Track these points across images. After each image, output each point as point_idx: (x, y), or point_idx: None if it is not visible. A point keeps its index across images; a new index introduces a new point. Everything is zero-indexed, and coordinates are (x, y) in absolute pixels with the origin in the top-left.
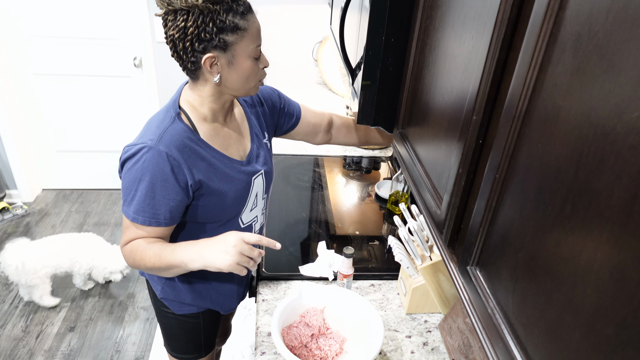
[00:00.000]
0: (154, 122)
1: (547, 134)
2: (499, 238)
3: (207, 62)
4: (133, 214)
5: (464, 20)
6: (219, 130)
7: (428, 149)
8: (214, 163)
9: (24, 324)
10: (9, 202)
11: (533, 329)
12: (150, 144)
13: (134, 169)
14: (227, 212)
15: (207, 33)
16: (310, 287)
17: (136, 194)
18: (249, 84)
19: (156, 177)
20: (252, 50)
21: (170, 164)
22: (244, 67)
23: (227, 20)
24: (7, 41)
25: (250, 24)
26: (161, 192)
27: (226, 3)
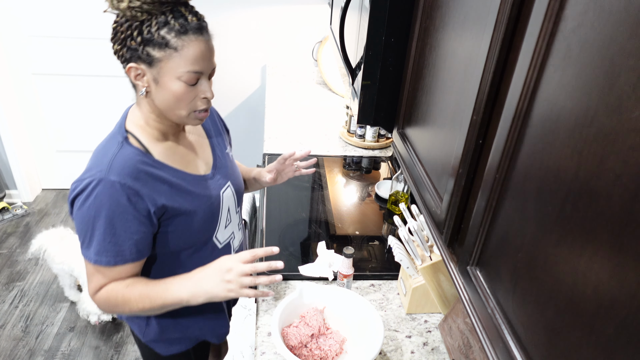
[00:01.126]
0: (100, 151)
1: (547, 134)
2: (499, 238)
3: (131, 73)
4: (95, 256)
5: (464, 20)
6: (174, 148)
7: (428, 149)
8: (175, 183)
9: (24, 324)
10: (9, 202)
11: (533, 329)
12: (99, 176)
13: (86, 207)
14: (201, 233)
15: (133, 41)
16: (311, 287)
17: (94, 234)
18: (179, 110)
19: (113, 212)
20: (182, 74)
21: (126, 194)
22: (172, 90)
23: (156, 34)
24: (7, 41)
25: (185, 45)
26: (122, 226)
27: (165, 16)
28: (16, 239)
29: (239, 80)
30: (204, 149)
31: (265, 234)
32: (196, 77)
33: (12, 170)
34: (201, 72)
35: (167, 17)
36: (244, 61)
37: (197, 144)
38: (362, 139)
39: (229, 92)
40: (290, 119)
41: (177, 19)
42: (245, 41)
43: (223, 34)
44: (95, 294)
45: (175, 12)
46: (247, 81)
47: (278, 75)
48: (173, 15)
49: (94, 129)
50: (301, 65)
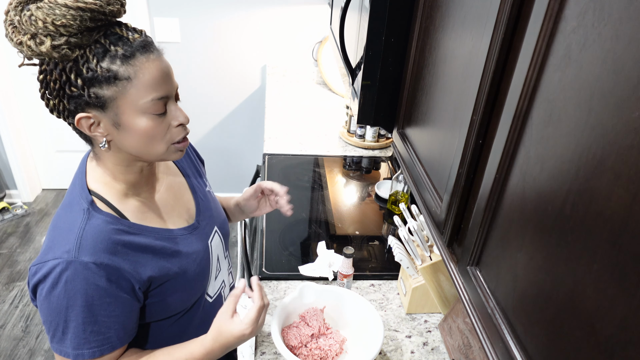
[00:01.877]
0: (61, 224)
1: (547, 134)
2: (499, 238)
3: (83, 125)
4: (74, 350)
5: (464, 20)
6: (150, 203)
7: (428, 149)
8: (158, 247)
9: (24, 324)
10: (9, 202)
11: (533, 329)
12: (67, 258)
13: (55, 296)
14: (192, 296)
15: (73, 87)
16: (311, 286)
17: (68, 326)
18: (155, 148)
19: (92, 297)
20: (146, 105)
21: (105, 274)
22: (140, 129)
23: (98, 68)
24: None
25: (139, 71)
26: (104, 312)
27: (100, 44)
28: (16, 239)
29: (239, 80)
30: (182, 192)
31: (265, 234)
32: (162, 103)
33: (12, 170)
34: (166, 97)
35: (105, 45)
36: (244, 61)
37: (174, 188)
38: (362, 139)
39: (229, 92)
40: (290, 119)
41: (116, 42)
42: (245, 41)
43: (223, 34)
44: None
45: (111, 36)
46: (247, 81)
47: (278, 75)
48: (110, 40)
49: None
50: (301, 65)
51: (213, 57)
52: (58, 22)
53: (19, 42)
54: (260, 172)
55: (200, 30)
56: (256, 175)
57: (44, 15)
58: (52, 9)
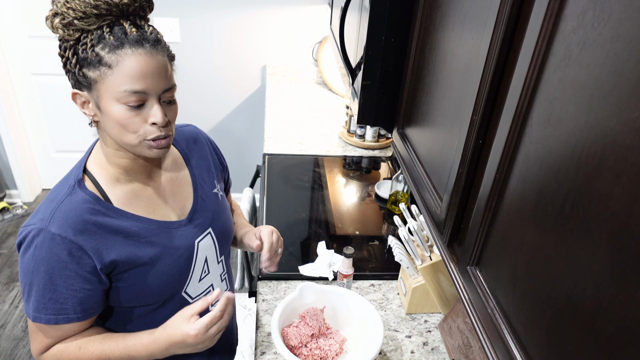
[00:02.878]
0: (51, 194)
1: (547, 134)
2: (499, 238)
3: (77, 101)
4: (33, 312)
5: (464, 20)
6: (139, 192)
7: (428, 149)
8: (133, 232)
9: (24, 324)
10: (9, 202)
11: (533, 329)
12: (40, 225)
13: (26, 258)
14: (163, 289)
15: (70, 65)
16: (311, 286)
17: (32, 288)
18: (128, 138)
19: (53, 267)
20: (120, 94)
21: (67, 248)
22: (113, 115)
23: (90, 52)
24: (7, 41)
25: (120, 61)
26: (63, 283)
27: (101, 31)
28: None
29: (239, 80)
30: (182, 188)
31: None
32: (138, 98)
33: (12, 170)
34: (144, 92)
35: (104, 32)
36: (244, 61)
37: (175, 182)
38: (362, 139)
39: (229, 92)
40: (290, 119)
41: (115, 33)
42: (245, 41)
43: (223, 34)
44: (40, 356)
45: (115, 27)
46: (247, 81)
47: (278, 75)
48: (110, 30)
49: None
50: (301, 65)
51: (213, 57)
52: (69, 4)
53: (46, 17)
54: (260, 172)
55: (200, 30)
56: (256, 175)
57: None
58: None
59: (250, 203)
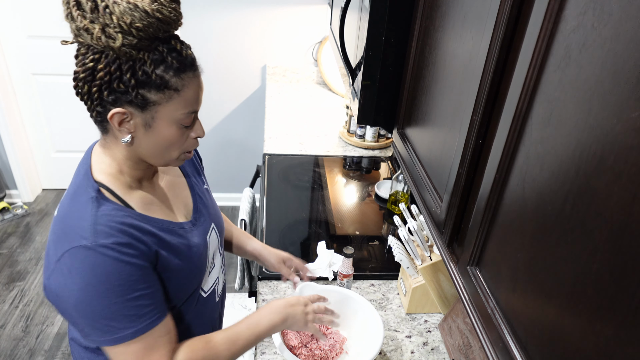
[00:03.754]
0: (71, 215)
1: (547, 134)
2: (499, 238)
3: (115, 119)
4: (132, 328)
5: (464, 20)
6: (151, 197)
7: (428, 149)
8: (162, 237)
9: (24, 324)
10: (9, 202)
11: (533, 329)
12: (86, 244)
13: (86, 282)
14: (189, 288)
15: (122, 83)
16: (311, 286)
17: (111, 309)
18: (170, 154)
19: (123, 273)
20: (181, 116)
21: (127, 250)
22: (165, 135)
23: (153, 74)
24: (6, 41)
25: (186, 85)
26: (141, 283)
27: (159, 52)
28: (16, 239)
29: (239, 80)
30: (181, 190)
31: (265, 234)
32: (193, 117)
33: (12, 170)
34: (196, 111)
35: (162, 53)
36: (244, 61)
37: (173, 186)
38: (362, 139)
39: (229, 92)
40: (290, 119)
41: (172, 53)
42: (245, 41)
43: (223, 34)
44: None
45: (166, 46)
46: (247, 81)
47: (278, 75)
48: (167, 50)
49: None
50: (301, 65)
51: (213, 57)
52: (135, 25)
53: (85, 29)
54: (260, 172)
55: (200, 30)
56: (256, 175)
57: (121, 13)
58: (132, 11)
59: (250, 203)
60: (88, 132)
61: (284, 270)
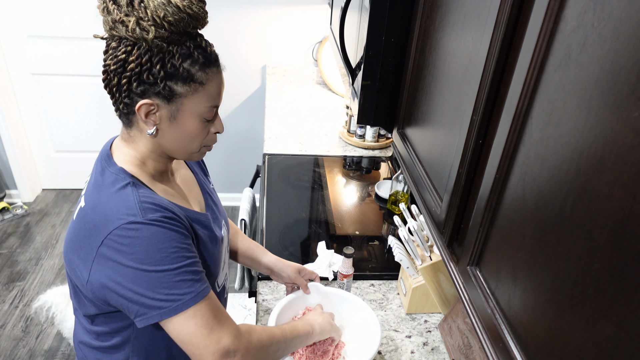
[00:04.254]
0: (111, 200)
1: (547, 134)
2: (499, 238)
3: (143, 110)
4: (194, 292)
5: (464, 20)
6: (172, 189)
7: (428, 149)
8: (192, 225)
9: (24, 324)
10: (9, 202)
11: (533, 329)
12: (136, 220)
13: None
14: (213, 275)
15: (151, 75)
16: (315, 287)
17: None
18: (192, 146)
19: (174, 244)
20: (204, 109)
21: (176, 222)
22: (189, 127)
23: (181, 67)
24: (7, 41)
25: (210, 80)
26: (189, 253)
27: (186, 47)
28: (16, 239)
29: (239, 80)
30: (193, 186)
31: (265, 234)
32: (214, 111)
33: (12, 170)
34: (218, 106)
35: (189, 48)
36: (244, 61)
37: (187, 182)
38: (362, 139)
39: (229, 92)
40: (290, 119)
41: (198, 49)
42: (245, 41)
43: (223, 34)
44: (240, 339)
45: (193, 42)
46: (247, 81)
47: (278, 75)
48: (193, 46)
49: (94, 129)
50: (301, 65)
51: None
52: (167, 19)
53: (121, 21)
54: (260, 172)
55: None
56: (256, 175)
57: (155, 6)
58: (165, 5)
59: (250, 203)
60: (88, 132)
61: (300, 281)
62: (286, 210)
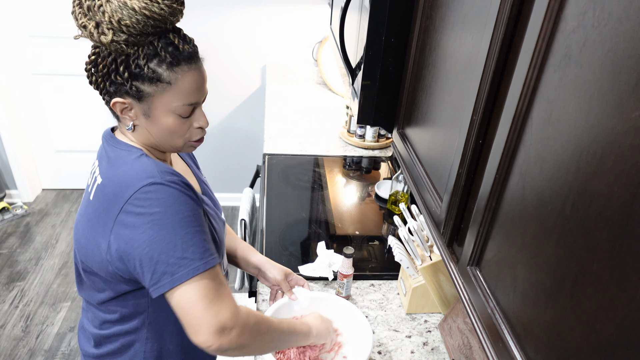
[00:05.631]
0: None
1: (547, 134)
2: (499, 238)
3: (117, 107)
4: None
5: (464, 20)
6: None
7: (428, 149)
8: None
9: (24, 324)
10: (9, 202)
11: (533, 329)
12: (155, 181)
13: (159, 218)
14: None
15: (118, 75)
16: (301, 292)
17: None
18: (175, 141)
19: (190, 208)
20: (176, 107)
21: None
22: (165, 124)
23: (145, 68)
24: (7, 41)
25: (179, 78)
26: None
27: (153, 47)
28: (16, 239)
29: (239, 80)
30: (190, 177)
31: (265, 234)
32: (191, 108)
33: (12, 170)
34: (196, 103)
35: (157, 48)
36: (244, 61)
37: (184, 171)
38: (362, 139)
39: (229, 92)
40: (290, 119)
41: (167, 48)
42: (245, 41)
43: (223, 34)
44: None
45: (163, 40)
46: (247, 81)
47: (278, 75)
48: (162, 45)
49: (94, 129)
50: (301, 65)
51: (213, 57)
52: (123, 22)
53: (83, 25)
54: (260, 172)
55: (200, 30)
56: (256, 175)
57: (112, 11)
58: (120, 8)
59: (250, 203)
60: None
61: (285, 285)
62: (286, 210)
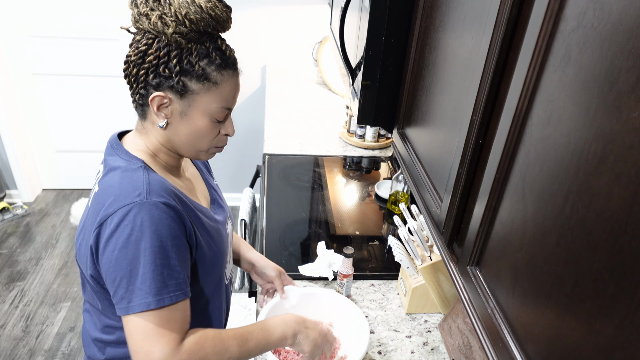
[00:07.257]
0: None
1: (547, 134)
2: (499, 238)
3: (155, 102)
4: (155, 296)
5: (464, 20)
6: (181, 184)
7: (428, 149)
8: (199, 216)
9: (24, 324)
10: (9, 202)
11: (533, 329)
12: (139, 201)
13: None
14: (215, 272)
15: (167, 69)
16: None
17: (139, 271)
18: (201, 145)
19: (165, 238)
20: (215, 109)
21: (173, 214)
22: (199, 125)
23: (197, 65)
24: (7, 41)
25: (224, 81)
26: (174, 254)
27: (205, 47)
28: (16, 239)
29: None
30: (199, 182)
31: (265, 234)
32: (225, 113)
33: (12, 170)
34: (230, 109)
35: (208, 49)
36: (244, 61)
37: (194, 178)
38: (362, 139)
39: None
40: (290, 119)
41: (217, 51)
42: (245, 41)
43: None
44: (177, 351)
45: (213, 44)
46: (247, 81)
47: (278, 75)
48: (212, 47)
49: (94, 129)
50: (301, 65)
51: None
52: (189, 17)
53: (145, 14)
54: (260, 172)
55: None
56: (256, 175)
57: (180, 4)
58: (188, 4)
59: (250, 203)
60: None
61: (278, 282)
62: (286, 210)
